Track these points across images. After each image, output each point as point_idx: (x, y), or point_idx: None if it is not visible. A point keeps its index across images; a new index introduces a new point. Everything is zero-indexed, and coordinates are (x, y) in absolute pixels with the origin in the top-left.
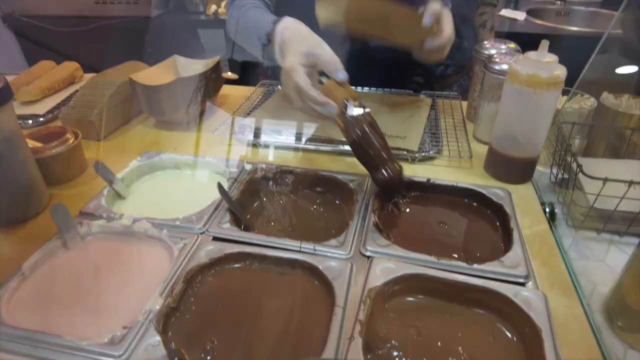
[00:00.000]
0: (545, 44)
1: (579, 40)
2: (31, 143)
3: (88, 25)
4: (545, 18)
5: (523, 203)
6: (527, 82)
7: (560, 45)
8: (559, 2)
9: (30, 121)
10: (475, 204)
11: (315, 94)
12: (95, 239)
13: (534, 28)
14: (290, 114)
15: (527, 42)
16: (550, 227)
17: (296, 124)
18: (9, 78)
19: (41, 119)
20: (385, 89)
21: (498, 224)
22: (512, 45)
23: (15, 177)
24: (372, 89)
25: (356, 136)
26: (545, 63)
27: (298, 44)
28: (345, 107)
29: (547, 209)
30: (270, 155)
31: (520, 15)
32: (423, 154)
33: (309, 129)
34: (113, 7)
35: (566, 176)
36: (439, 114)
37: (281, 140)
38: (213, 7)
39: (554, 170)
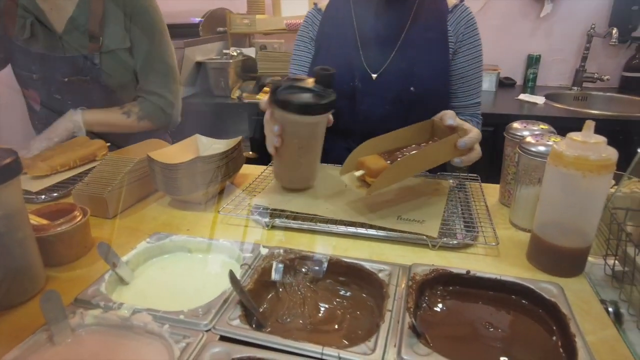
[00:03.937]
0: (590, 124)
1: (599, 123)
2: (36, 220)
3: None
4: (563, 102)
5: (579, 301)
6: (574, 164)
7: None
8: (576, 88)
9: (43, 196)
10: (524, 301)
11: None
12: (87, 331)
13: (555, 112)
14: (301, 189)
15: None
16: (619, 332)
17: (311, 202)
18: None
19: (55, 194)
20: None
21: (554, 327)
22: (545, 126)
23: (11, 259)
24: None
25: None
26: (593, 144)
27: None
28: None
29: (611, 309)
30: (288, 239)
31: (540, 100)
32: (444, 239)
33: (326, 209)
34: None
35: (627, 269)
36: (469, 197)
37: (299, 223)
38: (237, 92)
39: (609, 262)
